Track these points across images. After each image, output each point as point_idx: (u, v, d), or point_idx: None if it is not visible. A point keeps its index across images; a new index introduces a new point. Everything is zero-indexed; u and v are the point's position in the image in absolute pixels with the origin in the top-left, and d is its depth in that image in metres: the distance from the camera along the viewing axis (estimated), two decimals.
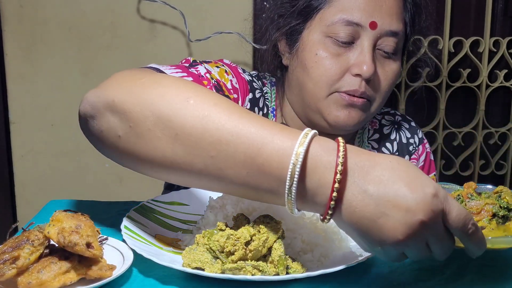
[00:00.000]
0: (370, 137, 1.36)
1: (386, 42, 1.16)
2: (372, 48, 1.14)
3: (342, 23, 1.14)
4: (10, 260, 0.68)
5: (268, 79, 1.34)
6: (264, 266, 0.74)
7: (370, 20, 1.13)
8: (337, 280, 0.78)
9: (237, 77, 1.23)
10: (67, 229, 0.71)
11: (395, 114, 1.41)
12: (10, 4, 1.82)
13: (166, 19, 1.84)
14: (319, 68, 1.16)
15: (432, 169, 1.39)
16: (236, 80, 1.22)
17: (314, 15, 1.19)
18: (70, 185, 1.94)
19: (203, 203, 0.96)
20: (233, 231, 0.75)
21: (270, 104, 1.30)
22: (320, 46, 1.17)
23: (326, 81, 1.16)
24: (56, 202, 1.07)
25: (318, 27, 1.18)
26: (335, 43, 1.15)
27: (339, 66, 1.15)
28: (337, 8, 1.16)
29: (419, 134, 1.39)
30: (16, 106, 1.88)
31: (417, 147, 1.37)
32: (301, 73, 1.21)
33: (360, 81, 1.14)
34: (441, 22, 1.88)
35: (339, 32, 1.14)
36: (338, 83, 1.15)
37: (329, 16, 1.16)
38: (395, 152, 1.35)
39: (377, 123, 1.38)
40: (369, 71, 1.12)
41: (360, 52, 1.14)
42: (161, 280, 0.76)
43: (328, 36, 1.16)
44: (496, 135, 1.99)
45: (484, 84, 1.93)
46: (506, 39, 1.90)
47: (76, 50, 1.85)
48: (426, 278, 0.80)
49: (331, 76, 1.15)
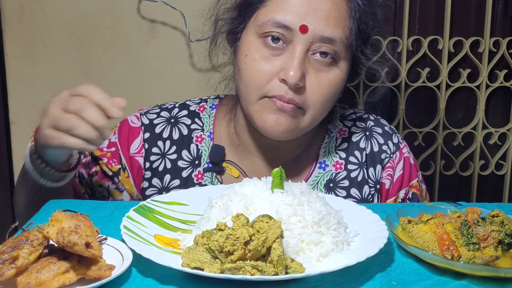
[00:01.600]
0: (338, 146, 1.29)
1: (321, 48, 1.10)
2: (302, 53, 1.09)
3: (272, 24, 1.09)
4: (9, 260, 0.68)
5: (210, 103, 1.33)
6: (263, 266, 0.74)
7: (301, 23, 1.08)
8: (337, 280, 0.78)
9: (121, 129, 1.26)
10: (66, 229, 0.71)
11: (368, 118, 1.33)
12: (10, 4, 1.82)
13: (166, 19, 1.84)
14: (248, 70, 1.12)
15: (414, 176, 1.30)
16: (117, 135, 1.26)
17: (251, 14, 1.15)
18: None
19: (203, 203, 0.96)
20: (232, 231, 0.75)
21: (207, 128, 1.28)
22: (251, 47, 1.12)
23: (255, 84, 1.11)
24: (56, 202, 1.07)
25: (253, 28, 1.14)
26: (265, 45, 1.11)
27: (268, 69, 1.10)
28: (270, 9, 1.11)
29: (394, 139, 1.30)
30: (16, 106, 1.88)
31: (392, 155, 1.28)
32: (237, 75, 1.18)
33: (287, 87, 1.09)
34: (441, 22, 1.88)
35: (269, 33, 1.10)
36: (267, 87, 1.11)
37: (262, 16, 1.12)
38: (363, 162, 1.27)
39: (347, 131, 1.31)
40: (294, 77, 1.07)
41: (289, 56, 1.09)
42: (160, 280, 0.76)
43: (260, 37, 1.12)
44: (496, 135, 1.99)
45: (484, 84, 1.93)
46: (506, 39, 1.90)
47: (76, 50, 1.84)
48: (426, 278, 0.80)
49: (259, 79, 1.11)
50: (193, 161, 1.26)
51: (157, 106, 1.32)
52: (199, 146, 1.27)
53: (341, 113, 1.34)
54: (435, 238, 0.85)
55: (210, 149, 1.26)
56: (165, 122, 1.28)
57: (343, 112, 1.35)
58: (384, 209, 1.03)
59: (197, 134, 1.28)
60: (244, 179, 0.95)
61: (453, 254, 0.81)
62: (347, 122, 1.32)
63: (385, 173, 1.28)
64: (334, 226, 0.86)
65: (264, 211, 0.83)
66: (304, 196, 0.89)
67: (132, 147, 1.26)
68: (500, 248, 0.83)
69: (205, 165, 1.26)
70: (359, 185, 1.27)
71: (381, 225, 0.90)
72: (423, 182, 1.35)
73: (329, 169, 1.27)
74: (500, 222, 0.87)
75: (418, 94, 1.95)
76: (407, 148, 1.32)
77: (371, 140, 1.29)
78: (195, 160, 1.26)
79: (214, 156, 1.25)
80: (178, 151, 1.26)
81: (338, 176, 1.27)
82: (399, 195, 1.29)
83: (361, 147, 1.29)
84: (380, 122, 1.34)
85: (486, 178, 2.04)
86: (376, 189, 1.27)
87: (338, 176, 1.27)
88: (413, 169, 1.31)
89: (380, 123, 1.33)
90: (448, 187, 2.03)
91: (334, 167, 1.28)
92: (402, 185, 1.29)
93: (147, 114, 1.30)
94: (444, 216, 0.92)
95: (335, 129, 1.31)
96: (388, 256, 0.86)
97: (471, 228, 0.85)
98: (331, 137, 1.30)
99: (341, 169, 1.27)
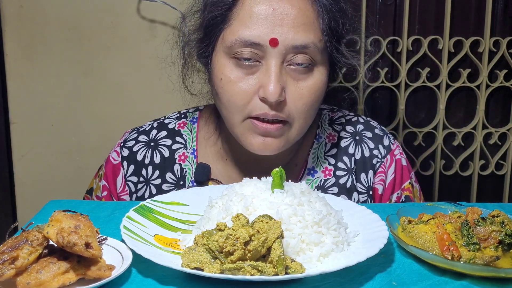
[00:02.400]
0: (327, 152, 1.26)
1: (296, 58, 1.06)
2: (278, 67, 1.05)
3: (241, 43, 1.05)
4: (9, 260, 0.68)
5: (190, 117, 1.30)
6: (263, 266, 0.74)
7: (269, 37, 1.04)
8: (337, 281, 0.77)
9: (107, 170, 1.26)
10: (66, 229, 0.70)
11: (357, 122, 1.29)
12: (10, 4, 1.81)
13: (166, 19, 1.84)
14: (226, 94, 1.09)
15: (406, 178, 1.27)
16: (106, 177, 1.26)
17: (217, 35, 1.11)
18: (70, 185, 1.94)
19: (203, 203, 0.96)
20: (232, 231, 0.75)
21: (190, 145, 1.25)
22: (225, 69, 1.09)
23: (235, 107, 1.08)
24: (56, 202, 1.07)
25: (222, 49, 1.10)
26: (239, 65, 1.07)
27: (246, 89, 1.07)
28: (236, 27, 1.07)
29: (384, 141, 1.27)
30: (16, 106, 1.88)
31: (383, 159, 1.25)
32: (215, 97, 1.15)
33: (269, 104, 1.06)
34: (441, 22, 1.88)
35: (239, 54, 1.06)
36: (248, 108, 1.08)
37: (229, 36, 1.08)
38: (352, 168, 1.24)
39: (336, 136, 1.27)
40: (274, 94, 1.04)
41: (265, 73, 1.06)
42: (160, 280, 0.76)
43: (231, 58, 1.08)
44: (496, 135, 1.99)
45: (484, 84, 1.93)
46: (506, 39, 1.90)
47: (76, 50, 1.84)
48: (426, 278, 0.79)
49: (239, 101, 1.08)
50: (177, 182, 1.25)
51: (134, 130, 1.30)
52: (182, 166, 1.25)
53: (330, 116, 1.31)
54: (435, 238, 0.85)
55: (195, 168, 1.24)
56: (145, 146, 1.26)
57: (332, 116, 1.31)
58: (384, 209, 1.03)
59: (180, 154, 1.25)
60: (244, 179, 0.95)
61: (453, 254, 0.81)
62: (336, 126, 1.29)
63: (377, 178, 1.26)
64: (334, 226, 0.86)
65: (264, 211, 0.83)
66: (304, 196, 0.89)
67: (117, 185, 1.26)
68: (501, 248, 0.83)
69: (190, 184, 1.24)
70: (348, 192, 1.25)
71: (381, 225, 0.89)
72: (417, 182, 1.32)
73: (317, 176, 1.25)
74: (501, 222, 0.87)
75: (418, 94, 1.95)
76: (399, 149, 1.29)
77: (361, 145, 1.26)
78: (180, 181, 1.25)
79: (199, 175, 1.23)
80: (161, 175, 1.25)
81: (327, 183, 1.25)
82: (391, 199, 1.27)
83: (350, 152, 1.26)
84: (370, 125, 1.30)
85: (486, 178, 2.04)
86: (369, 195, 1.25)
87: (327, 182, 1.25)
88: (405, 171, 1.28)
89: (370, 125, 1.30)
90: (448, 187, 2.03)
91: (323, 173, 1.25)
92: (394, 188, 1.27)
93: (125, 143, 1.28)
94: (444, 216, 0.92)
95: (324, 134, 1.28)
96: (388, 257, 0.86)
97: (471, 228, 0.85)
98: (320, 142, 1.27)
99: (330, 175, 1.25)
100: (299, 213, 0.84)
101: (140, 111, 1.87)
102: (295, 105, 1.09)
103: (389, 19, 1.88)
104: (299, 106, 1.09)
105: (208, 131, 1.28)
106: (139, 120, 1.46)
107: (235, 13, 1.08)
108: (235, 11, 1.09)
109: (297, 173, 1.26)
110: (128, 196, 1.26)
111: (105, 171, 1.28)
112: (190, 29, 1.19)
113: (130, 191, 1.26)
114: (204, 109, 1.33)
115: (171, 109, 1.40)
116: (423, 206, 1.00)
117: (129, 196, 1.26)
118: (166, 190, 1.24)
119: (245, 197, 0.87)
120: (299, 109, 1.10)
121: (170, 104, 1.68)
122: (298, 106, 1.09)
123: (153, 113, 1.65)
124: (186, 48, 1.21)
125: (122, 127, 1.79)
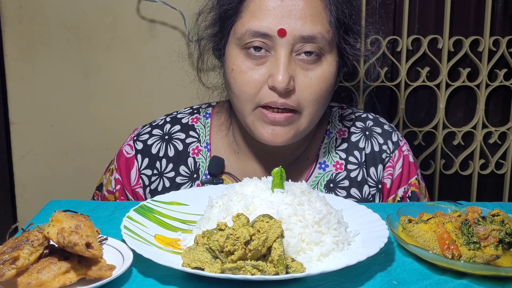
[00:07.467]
0: (338, 147, 1.29)
1: (304, 48, 1.10)
2: (286, 57, 1.09)
3: (251, 34, 1.10)
4: (10, 260, 0.68)
5: (203, 112, 1.33)
6: (264, 266, 0.74)
7: (278, 28, 1.08)
8: (337, 280, 0.78)
9: (120, 163, 1.27)
10: (66, 229, 0.71)
11: (367, 118, 1.33)
12: (10, 4, 1.81)
13: (166, 19, 1.84)
14: (237, 84, 1.13)
15: (413, 173, 1.31)
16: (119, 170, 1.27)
17: (230, 28, 1.16)
18: (70, 185, 1.94)
19: (203, 203, 0.96)
20: (232, 231, 0.75)
21: (204, 139, 1.28)
22: (236, 60, 1.13)
23: (246, 96, 1.12)
24: (56, 202, 1.07)
25: (234, 40, 1.15)
26: (249, 55, 1.11)
27: (256, 79, 1.11)
28: (246, 19, 1.12)
29: (393, 137, 1.31)
30: (16, 106, 1.88)
31: (392, 154, 1.28)
32: (228, 89, 1.19)
33: (278, 92, 1.09)
34: (440, 21, 1.88)
35: (250, 44, 1.11)
36: (258, 97, 1.12)
37: (240, 28, 1.13)
38: (362, 162, 1.28)
39: (346, 132, 1.31)
40: (283, 82, 1.07)
41: (274, 62, 1.10)
42: (161, 280, 0.76)
43: (242, 49, 1.12)
44: (496, 134, 1.99)
45: (484, 83, 1.93)
46: (506, 39, 1.90)
47: (76, 50, 1.84)
48: (427, 277, 0.80)
49: (249, 90, 1.12)
50: (191, 175, 1.27)
51: (147, 125, 1.32)
52: (196, 159, 1.27)
53: (340, 113, 1.35)
54: (435, 238, 0.85)
55: (209, 161, 1.27)
56: (159, 139, 1.28)
57: (341, 112, 1.35)
58: (384, 209, 1.03)
59: (193, 147, 1.28)
60: (245, 179, 0.95)
61: (453, 253, 0.81)
62: (346, 122, 1.33)
63: (386, 173, 1.28)
64: (335, 226, 0.86)
65: (265, 211, 0.83)
66: (305, 195, 0.89)
67: (131, 179, 1.27)
68: (501, 247, 0.84)
69: (203, 177, 1.26)
70: (359, 185, 1.27)
71: (382, 225, 0.90)
72: (423, 180, 1.35)
73: (329, 170, 1.28)
74: (501, 221, 0.87)
75: (418, 94, 1.95)
76: (406, 146, 1.32)
77: (371, 140, 1.30)
78: (193, 174, 1.27)
79: (213, 168, 1.26)
80: (175, 168, 1.26)
81: (338, 176, 1.27)
82: (398, 193, 1.29)
83: (360, 147, 1.29)
84: (379, 121, 1.34)
85: (486, 177, 2.04)
86: (378, 188, 1.28)
87: (338, 176, 1.27)
88: (412, 167, 1.31)
89: (379, 122, 1.34)
90: (448, 186, 2.03)
91: (334, 167, 1.28)
92: (401, 183, 1.29)
93: (139, 137, 1.29)
94: (444, 216, 0.92)
95: (335, 129, 1.31)
96: (388, 256, 0.86)
97: (471, 227, 0.85)
98: (330, 137, 1.30)
99: (341, 169, 1.28)
100: (300, 213, 0.84)
101: (140, 111, 1.87)
102: (303, 94, 1.12)
103: (388, 18, 1.88)
104: (308, 95, 1.12)
105: (221, 125, 1.31)
106: (139, 120, 1.46)
107: (246, 6, 1.13)
108: (245, 4, 1.13)
109: (309, 167, 1.29)
110: (142, 189, 1.27)
111: (118, 164, 1.29)
112: (205, 24, 1.23)
113: (143, 184, 1.27)
114: (217, 105, 1.35)
115: (171, 109, 1.40)
116: (423, 205, 1.00)
117: (142, 189, 1.27)
118: (180, 183, 1.26)
119: (245, 196, 0.87)
120: (308, 97, 1.12)
121: (170, 104, 1.69)
122: (306, 95, 1.12)
123: (153, 113, 1.65)
124: (202, 42, 1.25)
125: (122, 127, 1.80)
